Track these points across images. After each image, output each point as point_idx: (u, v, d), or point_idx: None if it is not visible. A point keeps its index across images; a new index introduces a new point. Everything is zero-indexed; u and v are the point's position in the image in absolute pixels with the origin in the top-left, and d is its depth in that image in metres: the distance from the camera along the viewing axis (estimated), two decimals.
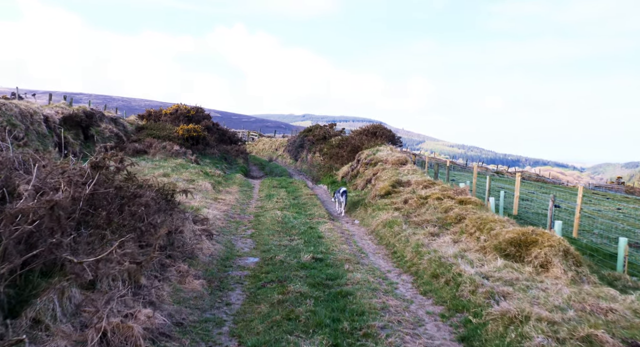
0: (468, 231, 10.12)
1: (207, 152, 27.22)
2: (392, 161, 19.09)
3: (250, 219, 13.82)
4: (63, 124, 20.93)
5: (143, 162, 20.61)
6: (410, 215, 12.63)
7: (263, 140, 54.21)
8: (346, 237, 11.87)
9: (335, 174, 22.97)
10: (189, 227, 9.72)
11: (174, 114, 30.75)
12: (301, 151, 36.58)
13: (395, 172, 17.86)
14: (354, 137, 24.08)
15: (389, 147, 21.76)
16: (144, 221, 7.40)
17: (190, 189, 15.27)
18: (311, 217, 13.82)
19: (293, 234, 11.53)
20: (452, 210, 11.85)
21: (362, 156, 21.32)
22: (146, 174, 16.64)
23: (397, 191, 15.26)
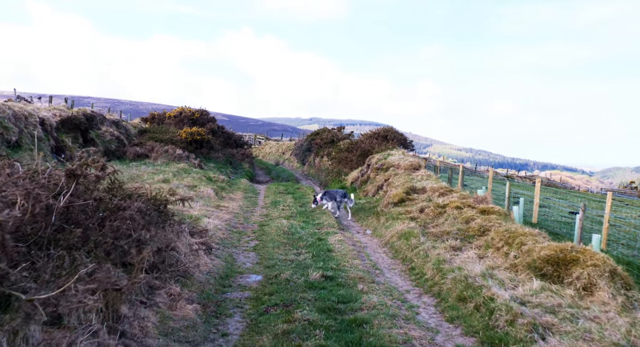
0: (494, 245, 9.11)
1: (212, 156, 26.33)
2: (405, 166, 18.09)
3: (254, 228, 12.87)
4: (61, 127, 20.11)
5: (144, 167, 19.74)
6: (428, 226, 11.63)
7: (270, 144, 53.36)
8: (358, 250, 10.88)
9: (344, 179, 22.00)
10: (184, 240, 8.78)
11: (178, 117, 29.92)
12: (308, 155, 35.65)
13: (409, 177, 16.86)
14: (363, 141, 23.12)
15: (400, 151, 20.76)
16: (130, 236, 6.46)
17: (190, 197, 14.35)
18: (320, 227, 12.85)
19: (300, 246, 10.56)
20: (473, 220, 10.84)
21: (372, 161, 20.34)
22: (144, 180, 15.76)
23: (411, 198, 14.27)
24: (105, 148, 22.62)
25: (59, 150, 18.91)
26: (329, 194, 15.57)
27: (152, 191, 8.57)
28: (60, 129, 20.00)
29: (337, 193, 15.64)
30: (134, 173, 17.42)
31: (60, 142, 19.14)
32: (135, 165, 20.47)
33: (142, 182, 15.40)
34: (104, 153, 22.34)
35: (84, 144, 21.37)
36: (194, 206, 13.04)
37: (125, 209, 6.46)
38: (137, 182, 15.48)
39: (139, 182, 15.48)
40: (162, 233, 7.81)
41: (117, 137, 23.85)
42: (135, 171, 18.07)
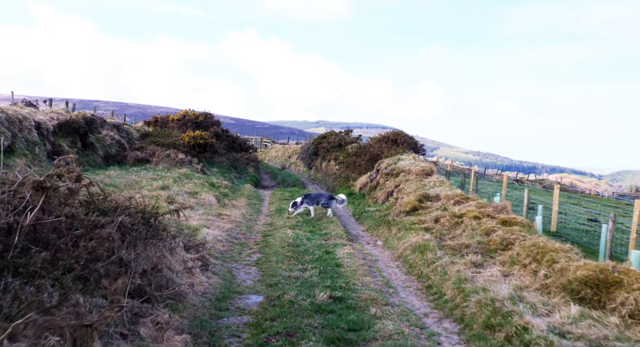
0: (520, 262, 8.23)
1: (215, 161, 25.57)
2: (416, 172, 17.22)
3: (257, 239, 12.06)
4: (58, 131, 19.42)
5: (144, 172, 18.98)
6: (444, 237, 10.75)
7: (276, 148, 52.63)
8: (369, 264, 10.03)
9: (353, 185, 21.14)
10: (178, 257, 7.98)
11: (181, 120, 29.22)
12: (315, 159, 34.84)
13: (421, 184, 15.98)
14: (372, 145, 22.25)
15: (411, 155, 19.89)
16: (109, 257, 5.66)
17: (189, 205, 13.58)
18: (327, 238, 12.01)
19: (306, 260, 9.72)
20: (494, 232, 9.95)
21: (382, 166, 19.48)
22: (142, 187, 15.00)
23: (424, 206, 13.39)
24: (105, 152, 21.93)
25: (55, 154, 18.18)
26: (310, 197, 14.81)
27: (141, 202, 7.75)
28: (57, 133, 19.31)
29: (322, 196, 14.96)
30: (133, 179, 16.66)
31: (57, 147, 18.44)
32: (135, 170, 19.73)
33: (140, 189, 14.66)
34: (104, 158, 21.65)
35: (83, 149, 20.67)
36: (193, 215, 12.24)
37: (105, 226, 5.65)
38: (135, 189, 14.72)
39: (136, 189, 14.73)
40: (152, 250, 6.99)
41: (118, 141, 23.15)
42: (134, 177, 17.31)
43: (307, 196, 14.95)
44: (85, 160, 20.22)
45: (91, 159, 20.65)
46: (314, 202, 14.79)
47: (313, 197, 14.90)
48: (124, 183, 15.47)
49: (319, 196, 15.08)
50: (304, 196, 14.97)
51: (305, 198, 14.79)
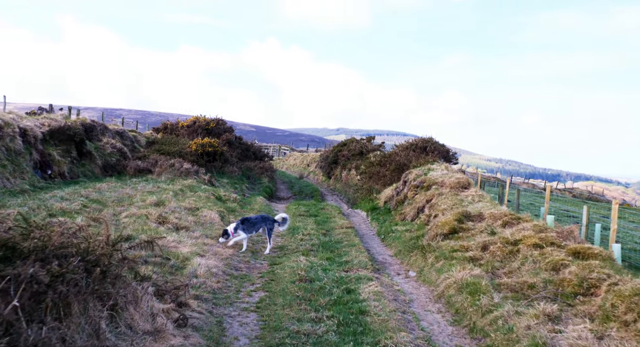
0: (618, 317, 5.90)
1: (226, 171, 23.54)
2: (451, 184, 14.90)
3: (263, 269, 9.89)
4: (49, 139, 17.57)
5: (143, 184, 17.00)
6: (497, 272, 8.44)
7: (294, 155, 50.59)
8: (402, 308, 7.76)
9: (376, 198, 18.88)
10: (144, 309, 5.83)
11: (191, 127, 27.33)
12: (335, 168, 32.65)
13: (457, 199, 13.67)
14: (398, 153, 19.96)
15: (442, 165, 17.56)
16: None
17: (185, 225, 11.49)
18: (348, 268, 9.77)
19: (321, 304, 7.50)
20: (565, 268, 7.62)
21: (409, 177, 17.18)
22: (133, 202, 12.96)
23: (465, 228, 11.08)
24: (104, 162, 20.06)
25: (44, 165, 16.33)
26: (249, 222, 11.25)
27: (88, 238, 5.63)
28: (48, 140, 17.46)
29: (265, 220, 11.50)
30: (126, 193, 14.66)
31: (47, 156, 16.57)
32: (135, 182, 17.77)
33: (129, 205, 12.64)
34: (103, 168, 19.78)
35: (79, 158, 18.81)
36: (185, 240, 10.11)
37: None
38: (124, 205, 12.72)
39: (125, 205, 12.72)
40: (95, 311, 4.85)
41: (119, 149, 21.27)
42: (129, 190, 15.32)
43: (244, 220, 11.29)
44: (81, 170, 18.35)
45: (87, 170, 18.78)
46: (252, 229, 11.23)
47: (253, 221, 11.30)
48: (113, 198, 13.47)
49: (260, 221, 11.41)
50: (240, 220, 11.35)
51: (242, 224, 11.15)
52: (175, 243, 9.74)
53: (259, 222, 11.45)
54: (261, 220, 11.53)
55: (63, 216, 10.08)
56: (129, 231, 9.86)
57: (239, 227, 11.17)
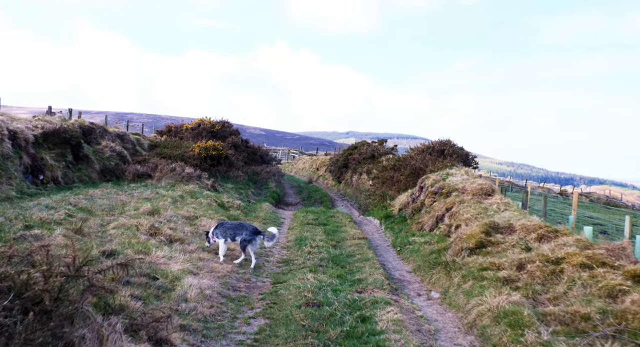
0: None
1: (231, 175, 22.39)
2: (473, 190, 13.63)
3: (265, 289, 8.70)
4: (43, 142, 16.52)
5: (140, 190, 15.89)
6: (539, 297, 7.17)
7: (303, 159, 49.42)
8: (428, 342, 6.49)
9: (390, 205, 17.62)
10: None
11: (195, 129, 26.25)
12: (345, 172, 31.43)
13: (480, 207, 12.40)
14: (413, 157, 18.68)
15: (462, 169, 16.28)
16: None
17: (179, 237, 10.33)
18: (361, 288, 8.53)
19: (331, 338, 6.28)
20: (626, 295, 6.34)
21: (427, 182, 15.92)
22: (125, 212, 11.84)
23: (494, 241, 9.81)
24: (102, 166, 18.99)
25: (36, 170, 15.28)
26: (224, 227, 10.19)
27: (42, 263, 4.49)
28: (41, 144, 16.41)
29: (243, 228, 10.17)
30: (120, 200, 13.55)
31: (39, 161, 15.51)
32: (133, 187, 16.67)
33: (120, 215, 11.51)
34: (101, 172, 18.72)
35: (75, 162, 17.75)
36: (177, 256, 8.93)
37: None
38: (114, 214, 11.59)
39: (115, 214, 11.59)
40: None
41: (119, 153, 20.20)
42: (124, 197, 14.22)
43: (220, 224, 10.31)
44: (76, 175, 17.28)
45: (84, 174, 17.71)
46: (227, 235, 10.08)
47: (228, 227, 10.21)
48: (104, 206, 12.35)
49: (237, 227, 10.23)
50: (216, 225, 10.41)
51: (217, 228, 10.19)
52: (166, 259, 8.57)
53: (236, 229, 10.18)
54: (238, 227, 10.26)
55: (41, 228, 8.95)
56: (114, 245, 8.71)
57: (214, 232, 10.18)
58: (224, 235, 10.13)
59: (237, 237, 10.12)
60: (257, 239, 10.19)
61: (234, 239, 10.16)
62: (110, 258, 8.16)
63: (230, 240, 10.18)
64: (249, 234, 10.08)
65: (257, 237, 10.19)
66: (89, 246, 8.55)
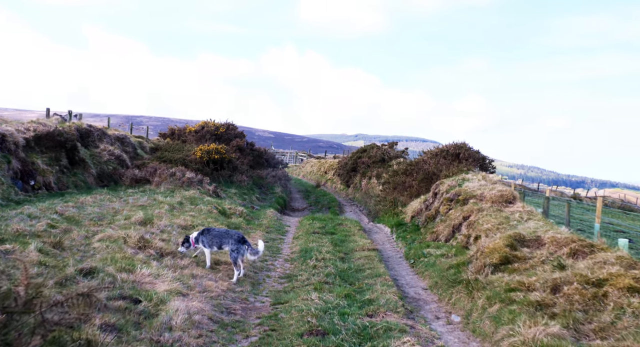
0: None
1: (235, 180, 21.48)
2: (492, 198, 12.59)
3: (264, 311, 7.73)
4: (35, 146, 15.70)
5: (137, 196, 15.01)
6: (582, 328, 6.13)
7: (311, 162, 48.48)
8: None
9: (402, 212, 16.61)
10: None
11: (199, 132, 25.39)
12: (354, 176, 30.45)
13: (501, 216, 11.37)
14: (426, 161, 17.65)
15: (479, 174, 15.22)
16: None
17: (171, 251, 9.40)
18: (372, 311, 7.53)
19: None
20: None
21: (441, 188, 14.90)
22: (114, 221, 10.93)
23: (520, 257, 8.77)
24: (99, 171, 18.16)
25: (26, 175, 14.44)
26: (210, 234, 9.37)
27: None
28: (33, 147, 15.60)
29: (228, 237, 9.28)
30: (112, 208, 12.67)
31: (29, 165, 14.68)
32: (130, 193, 15.81)
33: (108, 225, 10.59)
34: (98, 177, 17.89)
35: (69, 166, 16.92)
36: (165, 272, 7.98)
37: None
38: (102, 224, 10.68)
39: (103, 224, 10.68)
40: None
41: (118, 156, 19.36)
42: (119, 204, 13.34)
43: (205, 231, 9.50)
44: (71, 180, 16.45)
45: (79, 179, 16.87)
46: (213, 243, 9.32)
47: (214, 234, 9.39)
48: (93, 215, 11.45)
49: (223, 235, 9.37)
50: (201, 230, 9.55)
51: (202, 235, 9.39)
52: (152, 277, 7.63)
53: (223, 237, 9.32)
54: (225, 234, 9.38)
55: (14, 241, 8.05)
56: (95, 262, 7.79)
57: (199, 239, 9.36)
58: (210, 243, 9.35)
59: (224, 246, 9.29)
60: (242, 248, 9.21)
61: (220, 247, 9.36)
62: (88, 277, 7.25)
63: (216, 248, 9.40)
64: (234, 242, 9.18)
65: (242, 246, 9.22)
66: (66, 262, 7.65)
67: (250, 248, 9.27)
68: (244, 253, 9.20)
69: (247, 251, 9.23)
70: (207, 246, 9.33)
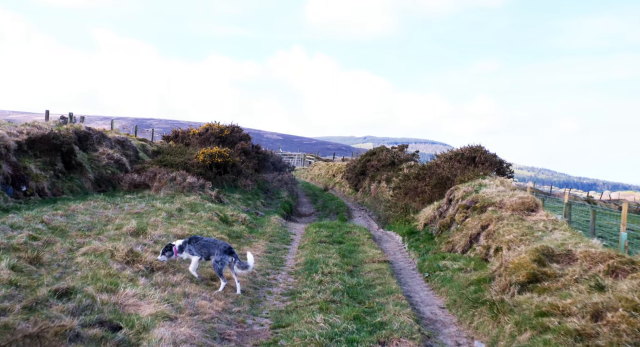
0: None
1: (239, 184, 20.66)
2: (512, 205, 11.66)
3: (262, 336, 6.87)
4: (27, 149, 14.98)
5: (133, 203, 14.23)
6: None
7: (319, 165, 47.61)
8: None
9: (414, 219, 15.69)
10: None
11: (203, 135, 24.64)
12: (363, 179, 29.56)
13: (524, 226, 10.44)
14: (440, 165, 16.71)
15: (497, 179, 14.28)
16: None
17: (162, 265, 8.58)
18: (385, 337, 6.62)
19: None
20: None
21: (456, 194, 13.99)
22: (103, 231, 10.14)
23: (550, 274, 7.84)
24: (97, 175, 17.42)
25: (18, 180, 13.70)
26: (199, 243, 8.61)
27: None
28: (26, 151, 14.87)
29: (216, 246, 8.56)
30: (105, 216, 11.89)
31: (21, 170, 13.94)
32: (127, 199, 15.05)
33: (97, 236, 9.79)
34: (95, 182, 17.14)
35: (66, 171, 16.18)
36: (153, 293, 7.13)
37: None
38: (90, 236, 9.87)
39: (91, 236, 9.87)
40: None
41: (117, 160, 18.61)
42: (113, 211, 12.57)
43: (193, 239, 8.75)
44: (67, 186, 15.70)
45: (76, 184, 16.12)
46: (201, 252, 8.59)
47: (203, 243, 8.63)
48: (82, 224, 10.66)
49: (211, 244, 8.61)
50: (188, 238, 8.80)
51: (189, 244, 8.63)
52: (137, 299, 6.79)
53: (211, 247, 8.58)
54: (213, 244, 8.63)
55: None
56: (75, 280, 6.98)
57: (186, 247, 8.57)
58: (199, 252, 8.61)
59: (212, 257, 8.54)
60: (226, 259, 8.41)
61: (208, 258, 8.63)
62: (64, 299, 6.43)
63: (204, 259, 8.66)
64: (220, 253, 8.43)
65: (227, 257, 8.43)
66: (41, 281, 6.84)
67: (238, 261, 8.48)
68: (233, 265, 8.46)
69: (235, 264, 8.45)
70: (196, 254, 8.61)
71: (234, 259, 8.42)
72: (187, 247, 8.55)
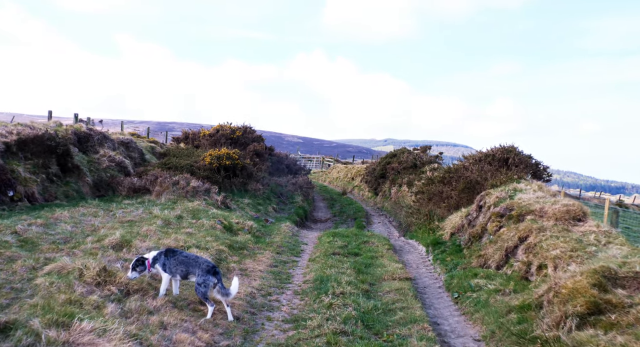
0: None
1: (249, 188, 19.32)
2: (555, 214, 10.04)
3: None
4: (17, 151, 13.83)
5: (129, 209, 12.96)
6: None
7: (338, 168, 46.13)
8: None
9: (439, 227, 14.12)
10: None
11: (214, 136, 23.40)
12: (383, 182, 28.02)
13: (572, 239, 8.84)
14: (467, 167, 15.08)
15: (534, 184, 12.62)
16: None
17: (142, 287, 7.21)
18: None
19: None
20: None
21: (487, 200, 12.39)
22: (82, 243, 8.83)
23: (615, 303, 6.26)
24: (96, 179, 16.23)
25: (4, 185, 12.55)
26: (176, 259, 7.07)
27: None
28: (15, 153, 13.74)
29: (197, 263, 7.03)
30: (91, 224, 10.61)
31: (8, 173, 12.79)
32: (124, 205, 13.81)
33: (71, 250, 8.48)
34: (94, 186, 15.95)
35: (61, 174, 15.02)
36: (116, 327, 5.75)
37: None
38: (65, 250, 8.57)
39: (66, 250, 8.56)
40: None
41: (119, 163, 17.42)
42: (100, 220, 11.30)
43: (169, 251, 7.20)
44: (62, 190, 14.53)
45: (72, 189, 14.94)
46: (177, 270, 7.09)
47: (181, 259, 7.09)
48: (60, 235, 9.37)
49: (191, 261, 7.07)
50: (164, 249, 7.27)
51: (164, 256, 7.11)
52: (95, 335, 5.40)
53: (190, 265, 7.05)
54: (193, 262, 7.07)
55: None
56: (22, 310, 5.64)
57: (159, 261, 7.07)
58: (174, 270, 7.10)
59: (191, 276, 7.08)
60: (210, 280, 6.90)
61: (185, 277, 7.13)
62: (1, 335, 5.11)
63: (179, 277, 7.17)
64: (202, 273, 6.92)
65: (211, 278, 6.91)
66: None
67: (220, 284, 6.94)
68: (209, 286, 6.92)
69: (215, 289, 6.95)
70: (167, 271, 7.08)
71: (218, 282, 6.96)
72: (161, 261, 7.07)
